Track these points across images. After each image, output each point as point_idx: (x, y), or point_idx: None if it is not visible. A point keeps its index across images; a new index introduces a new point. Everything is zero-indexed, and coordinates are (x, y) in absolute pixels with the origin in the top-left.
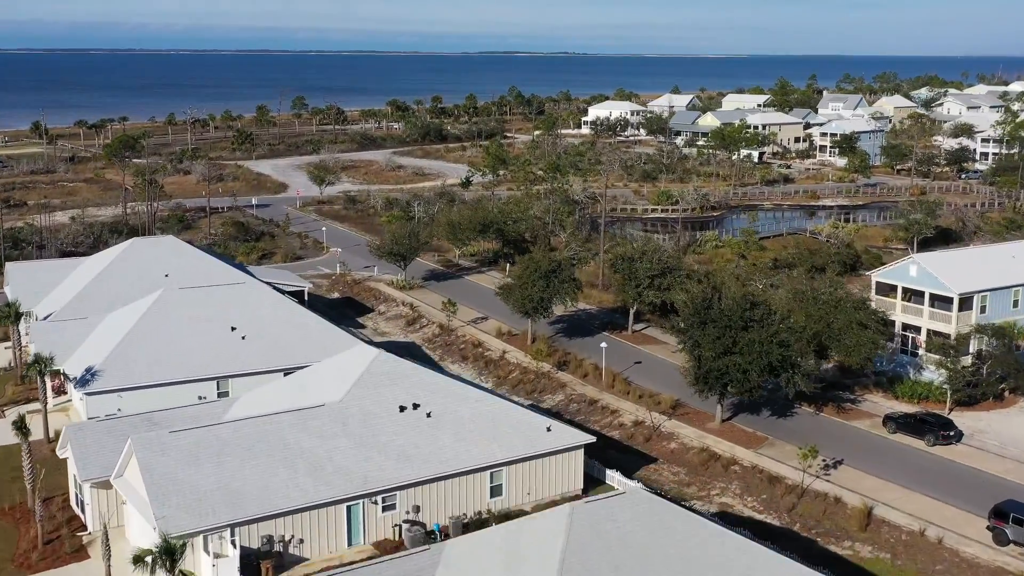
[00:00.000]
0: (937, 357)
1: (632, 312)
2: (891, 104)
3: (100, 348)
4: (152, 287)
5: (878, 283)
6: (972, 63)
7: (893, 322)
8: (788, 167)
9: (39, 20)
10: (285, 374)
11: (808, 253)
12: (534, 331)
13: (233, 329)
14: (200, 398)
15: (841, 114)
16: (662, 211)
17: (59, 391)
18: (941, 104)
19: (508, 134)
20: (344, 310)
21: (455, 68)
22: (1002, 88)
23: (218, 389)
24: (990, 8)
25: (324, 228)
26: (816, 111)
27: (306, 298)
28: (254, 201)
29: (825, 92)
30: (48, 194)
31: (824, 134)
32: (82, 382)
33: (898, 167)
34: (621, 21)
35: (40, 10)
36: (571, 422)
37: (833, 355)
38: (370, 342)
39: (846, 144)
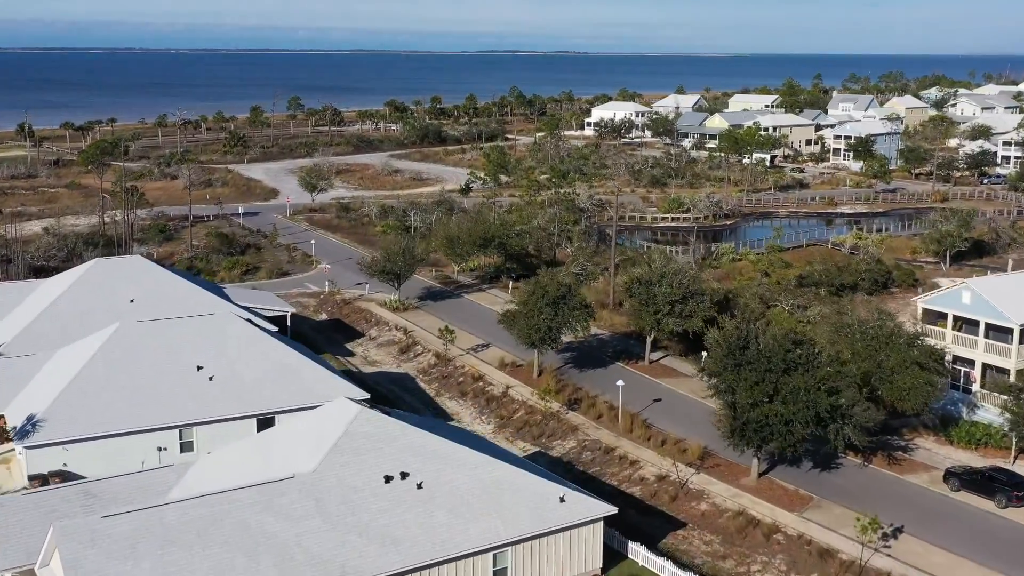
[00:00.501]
0: (999, 397)
1: (649, 340)
2: (902, 105)
3: (45, 392)
4: (114, 316)
5: (925, 310)
6: (977, 62)
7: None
8: (801, 171)
9: (38, 20)
10: (259, 421)
11: (836, 270)
12: (541, 362)
13: (199, 369)
14: (160, 449)
15: (851, 115)
16: (672, 219)
17: (3, 438)
18: (955, 105)
19: (509, 136)
20: (332, 334)
21: (455, 67)
22: (1013, 88)
23: (181, 439)
24: (993, 6)
25: (314, 241)
26: (826, 112)
27: (289, 323)
28: (240, 210)
29: (835, 93)
30: (26, 201)
31: (838, 136)
32: (21, 433)
33: (916, 171)
34: (622, 20)
35: (40, 10)
36: (585, 476)
37: (884, 399)
38: (359, 375)
39: (862, 147)
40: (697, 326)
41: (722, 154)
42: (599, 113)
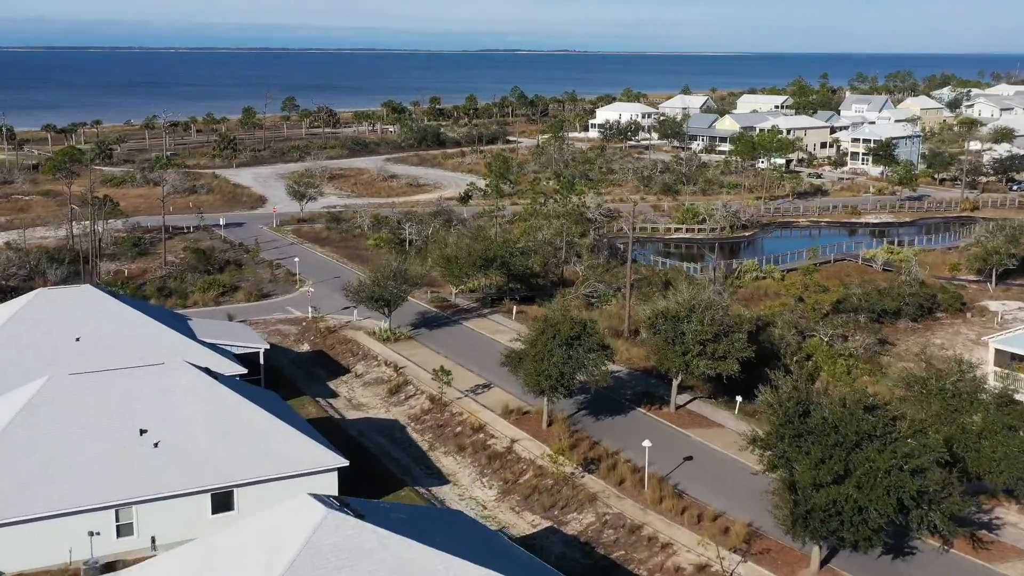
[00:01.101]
0: None
1: (676, 384)
2: (916, 105)
3: None
4: (51, 362)
5: (998, 351)
6: (980, 60)
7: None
8: (819, 176)
9: (39, 19)
10: (214, 496)
11: (877, 294)
12: (551, 410)
13: (143, 433)
14: (92, 534)
15: (865, 116)
16: (687, 231)
17: None
18: (971, 105)
19: (510, 138)
20: (313, 370)
21: (455, 66)
22: None
23: (118, 521)
24: (990, 5)
25: (297, 259)
26: (838, 113)
27: (262, 362)
28: (222, 221)
29: (847, 93)
30: None
31: (856, 140)
32: None
33: (940, 176)
34: (622, 18)
35: (41, 9)
36: (607, 563)
37: (969, 469)
38: (341, 422)
39: (883, 152)
40: (732, 369)
41: (738, 159)
42: (604, 114)
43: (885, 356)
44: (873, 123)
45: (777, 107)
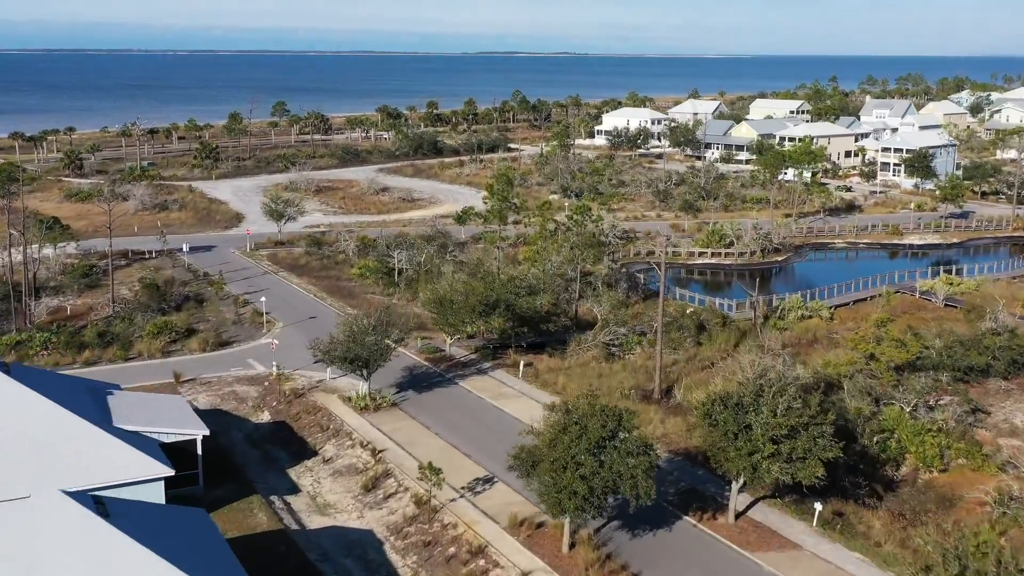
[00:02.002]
0: None
1: (736, 487)
2: (939, 110)
3: None
4: None
5: None
6: (990, 63)
7: None
8: (848, 189)
9: (39, 20)
10: None
11: (961, 348)
12: (574, 528)
13: None
14: None
15: (887, 122)
16: (713, 255)
17: None
18: (999, 111)
19: (512, 145)
20: (272, 450)
21: (454, 69)
22: None
23: None
24: (986, 9)
25: (264, 299)
26: (858, 119)
27: (199, 452)
28: (185, 248)
29: (868, 98)
30: None
31: (887, 149)
32: None
33: (982, 190)
34: (621, 21)
35: (41, 10)
36: None
37: None
38: (298, 535)
39: (920, 163)
40: (816, 476)
41: (765, 172)
42: (611, 120)
43: (980, 428)
44: (896, 129)
45: (792, 112)
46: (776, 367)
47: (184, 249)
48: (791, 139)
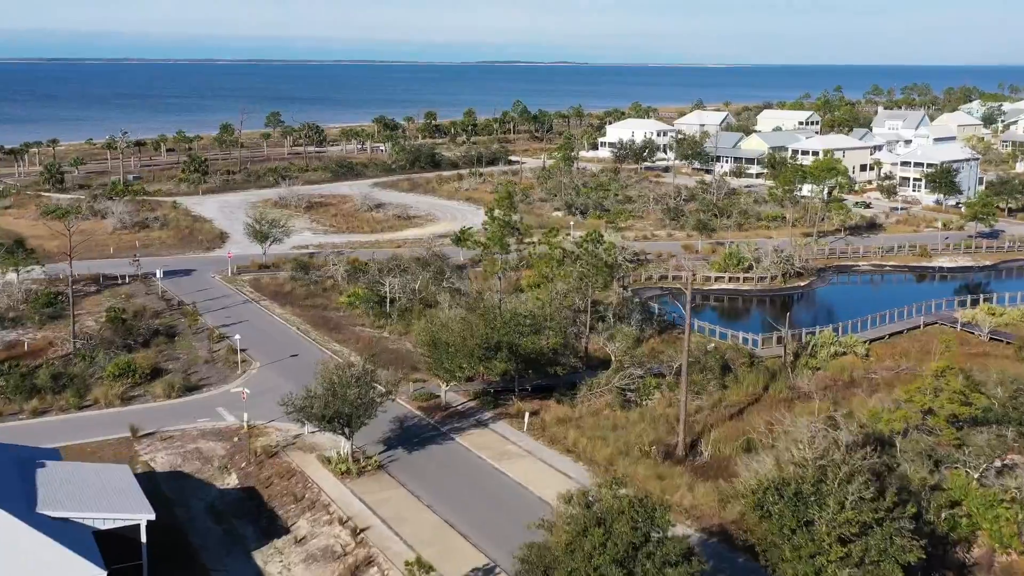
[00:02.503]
0: None
1: None
2: (953, 121)
3: None
4: None
5: None
6: (994, 73)
7: None
8: (867, 206)
9: (39, 29)
10: None
11: None
12: None
13: None
14: None
15: (900, 134)
16: (731, 279)
17: None
18: (1015, 122)
19: (513, 158)
20: (235, 525)
21: (454, 78)
22: None
23: None
24: (983, 18)
25: (238, 336)
26: (870, 130)
27: (143, 540)
28: (159, 274)
29: (880, 108)
30: None
31: (907, 163)
32: None
33: (1010, 207)
34: (620, 30)
35: (41, 20)
36: None
37: None
38: None
39: (943, 178)
40: None
41: (783, 188)
42: (615, 132)
43: None
44: (909, 142)
45: (801, 124)
46: (835, 436)
47: (158, 275)
48: (804, 152)
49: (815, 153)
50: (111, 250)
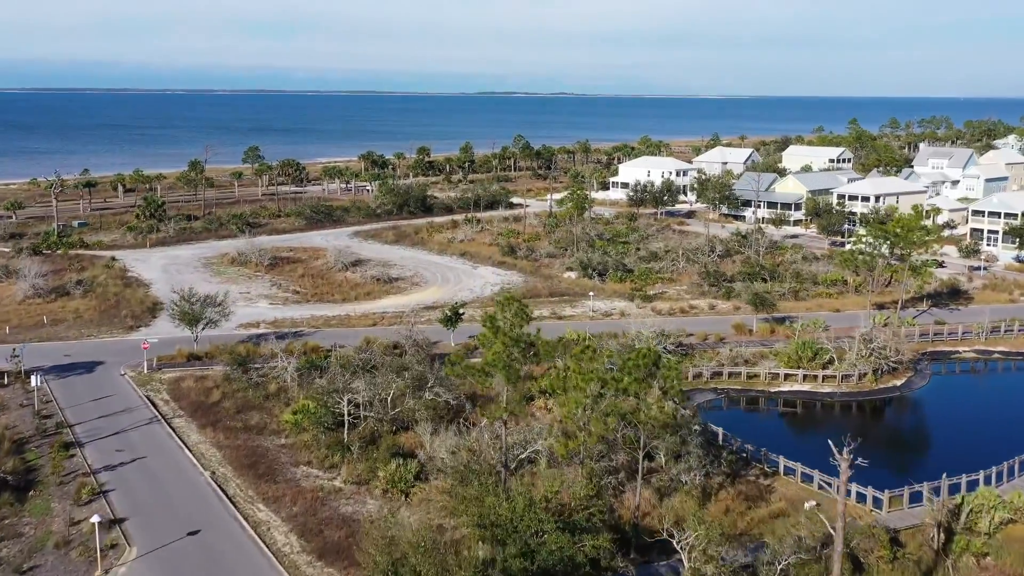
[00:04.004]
0: None
1: None
2: (1000, 159)
3: None
4: None
5: None
6: (989, 105)
7: None
8: (941, 265)
9: (40, 59)
10: None
11: None
12: None
13: None
14: None
15: (946, 174)
16: (805, 378)
17: None
18: None
19: (514, 199)
20: None
21: (452, 109)
22: None
23: None
24: (978, 50)
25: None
26: (912, 168)
27: None
28: (35, 381)
29: (922, 146)
30: None
31: (978, 212)
32: None
33: None
34: (619, 61)
35: (42, 50)
36: None
37: None
38: None
39: None
40: None
41: (872, 251)
42: (629, 171)
43: None
44: (956, 182)
45: (832, 161)
46: None
47: (35, 383)
48: (852, 197)
49: (864, 199)
50: (7, 329)
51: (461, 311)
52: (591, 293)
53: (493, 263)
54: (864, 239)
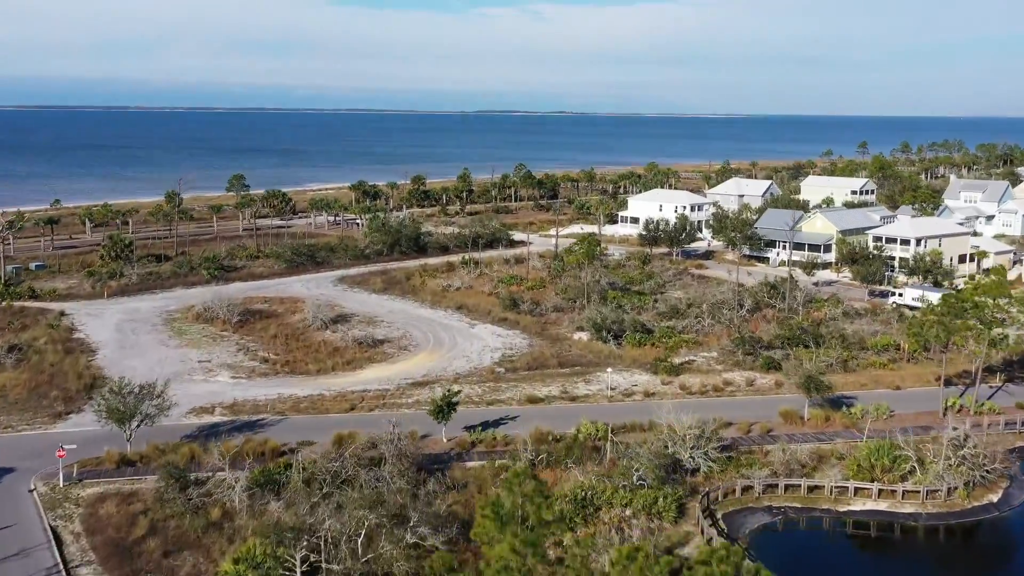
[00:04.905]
0: None
1: None
2: None
3: None
4: None
5: None
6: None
7: None
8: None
9: (38, 77)
10: None
11: None
12: None
13: None
14: None
15: (980, 209)
16: (880, 493)
17: None
18: None
19: (516, 235)
20: None
21: (452, 127)
22: None
23: None
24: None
25: None
26: (944, 203)
27: None
28: None
29: (952, 178)
30: None
31: None
32: None
33: None
34: (619, 80)
35: (41, 68)
36: None
37: None
38: None
39: None
40: None
41: (946, 323)
42: (639, 205)
43: None
44: (992, 217)
45: (855, 193)
46: None
47: None
48: (890, 240)
49: (904, 242)
50: None
51: (455, 399)
52: (608, 371)
53: (493, 319)
54: (937, 309)
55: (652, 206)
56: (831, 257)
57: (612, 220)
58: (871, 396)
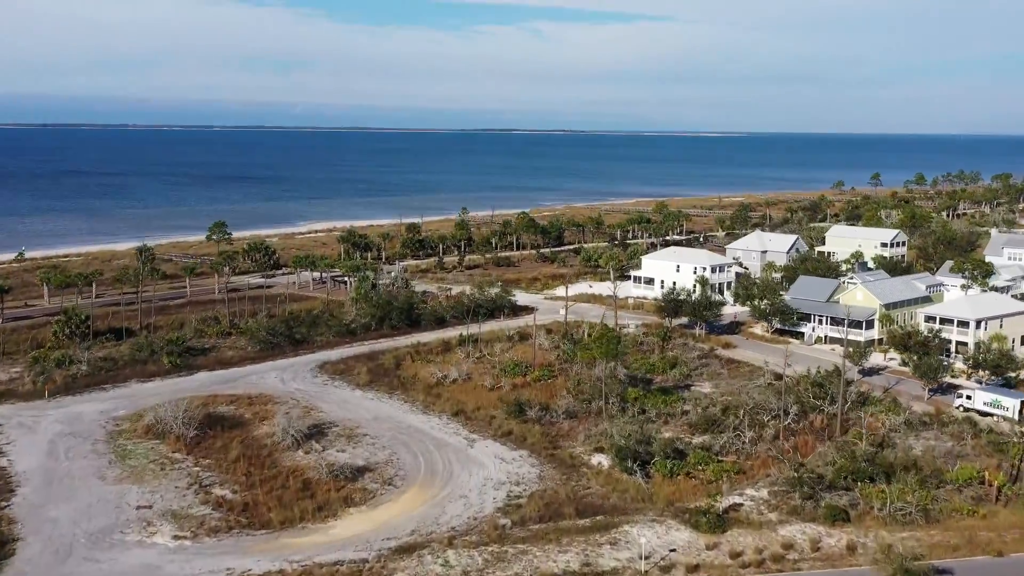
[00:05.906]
0: None
1: None
2: None
3: None
4: None
5: None
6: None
7: None
8: None
9: (41, 95)
10: None
11: None
12: None
13: None
14: None
15: None
16: None
17: None
18: None
19: (518, 294)
20: None
21: (451, 146)
22: None
23: None
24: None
25: None
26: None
27: None
28: None
29: (993, 232)
30: None
31: None
32: None
33: None
34: (618, 98)
35: (43, 85)
36: None
37: None
38: None
39: None
40: None
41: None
42: (654, 265)
43: None
44: None
45: (885, 245)
46: None
47: None
48: (945, 320)
49: (962, 323)
50: None
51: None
52: (642, 539)
53: (495, 432)
54: None
55: (668, 266)
56: (874, 334)
57: (622, 273)
58: (970, 569)
